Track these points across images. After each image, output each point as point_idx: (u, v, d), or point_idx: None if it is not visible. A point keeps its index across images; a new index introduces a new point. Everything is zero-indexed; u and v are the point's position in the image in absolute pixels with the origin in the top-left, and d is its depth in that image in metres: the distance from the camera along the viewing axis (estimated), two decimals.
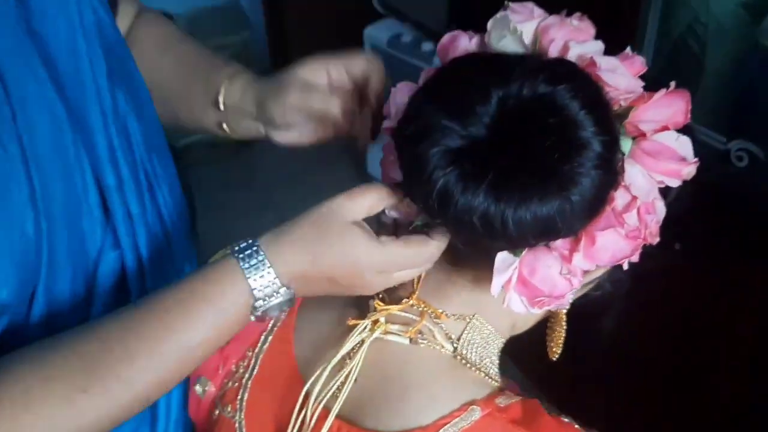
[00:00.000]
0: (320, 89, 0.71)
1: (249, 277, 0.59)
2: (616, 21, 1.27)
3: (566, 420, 0.66)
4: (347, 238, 0.60)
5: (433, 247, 0.62)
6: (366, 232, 0.61)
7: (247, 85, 0.76)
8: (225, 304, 0.59)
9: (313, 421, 0.67)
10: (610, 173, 0.56)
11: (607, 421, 0.73)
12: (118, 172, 0.68)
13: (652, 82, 0.60)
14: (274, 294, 0.60)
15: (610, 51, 0.61)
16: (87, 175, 0.66)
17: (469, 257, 0.63)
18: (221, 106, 0.75)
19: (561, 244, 0.58)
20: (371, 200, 0.62)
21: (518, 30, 0.62)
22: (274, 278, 0.59)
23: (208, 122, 0.78)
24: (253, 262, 0.59)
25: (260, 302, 0.60)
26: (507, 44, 0.62)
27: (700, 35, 1.30)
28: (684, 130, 0.60)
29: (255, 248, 0.59)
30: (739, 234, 1.20)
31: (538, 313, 0.62)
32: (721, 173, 1.22)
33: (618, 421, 0.78)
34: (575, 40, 0.59)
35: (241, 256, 0.59)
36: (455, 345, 0.67)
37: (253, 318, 0.61)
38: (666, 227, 0.64)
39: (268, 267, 0.59)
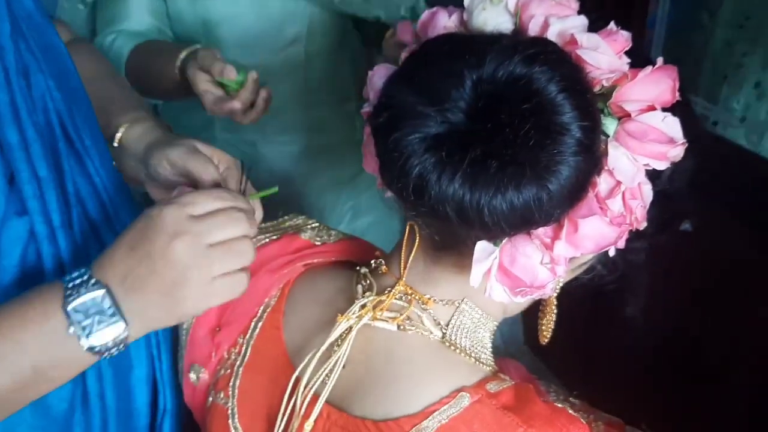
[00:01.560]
0: (203, 159, 0.72)
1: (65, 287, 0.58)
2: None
3: (560, 405, 0.65)
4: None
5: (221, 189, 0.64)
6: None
7: (146, 131, 0.79)
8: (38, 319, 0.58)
9: (304, 408, 0.67)
10: (591, 159, 0.54)
11: (621, 403, 0.72)
12: (22, 131, 0.66)
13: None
14: (85, 290, 0.58)
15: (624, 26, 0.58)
16: None
17: (451, 245, 0.62)
18: (116, 143, 0.79)
19: (542, 232, 0.56)
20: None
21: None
22: (89, 277, 0.59)
23: None
24: (75, 274, 0.59)
25: (73, 299, 0.58)
26: (488, 17, 0.59)
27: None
28: (685, 107, 0.57)
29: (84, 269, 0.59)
30: (752, 213, 1.15)
31: (522, 301, 0.60)
32: (733, 152, 1.17)
33: (630, 403, 0.77)
34: (556, 15, 0.56)
35: (68, 278, 0.59)
36: (444, 331, 0.66)
37: (72, 330, 0.58)
38: (665, 204, 0.61)
39: (91, 279, 0.58)
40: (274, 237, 0.80)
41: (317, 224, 0.83)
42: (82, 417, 0.70)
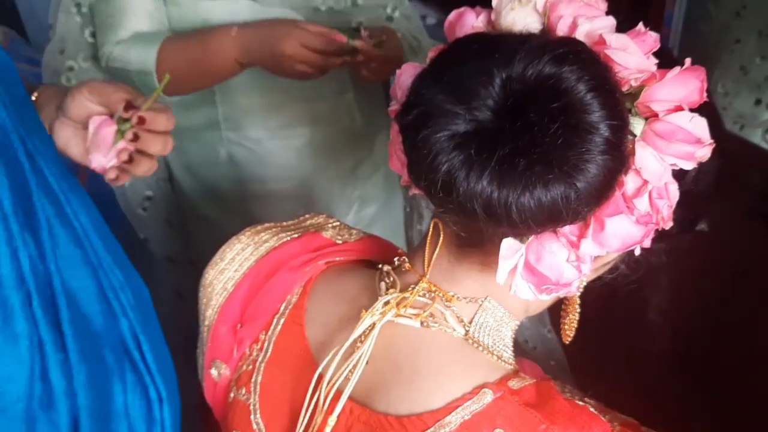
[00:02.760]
0: (115, 85, 0.79)
1: None
2: None
3: (581, 403, 0.66)
4: None
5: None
6: None
7: (60, 89, 0.84)
8: None
9: (327, 403, 0.67)
10: (619, 158, 0.54)
11: (635, 404, 0.72)
12: None
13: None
14: None
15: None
16: None
17: (476, 242, 0.62)
18: (33, 97, 0.83)
19: (569, 230, 0.57)
20: None
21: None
22: None
23: None
24: None
25: None
26: (517, 17, 0.60)
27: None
28: (707, 104, 0.58)
29: None
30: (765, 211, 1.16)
31: (547, 299, 0.61)
32: (752, 152, 1.18)
33: (645, 404, 0.77)
34: (585, 16, 0.57)
35: None
36: (467, 328, 0.67)
37: None
38: (689, 204, 0.61)
39: None
40: (296, 235, 0.80)
41: (338, 223, 0.84)
42: (47, 425, 0.70)
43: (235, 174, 1.44)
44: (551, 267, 0.57)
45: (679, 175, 0.58)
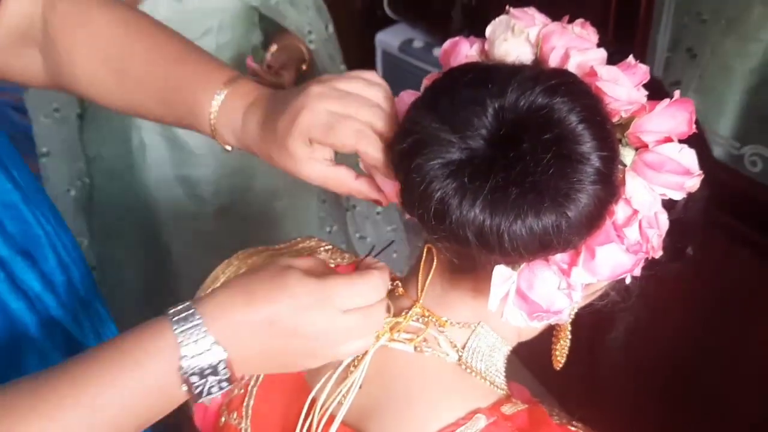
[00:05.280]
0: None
1: (181, 342, 0.55)
2: (629, 25, 1.24)
3: (572, 428, 0.66)
4: (282, 274, 0.58)
5: (377, 276, 0.60)
6: (302, 270, 0.59)
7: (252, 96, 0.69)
8: (148, 364, 0.56)
9: (320, 429, 0.67)
10: (609, 188, 0.55)
11: (620, 427, 0.72)
12: None
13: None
14: (205, 352, 0.56)
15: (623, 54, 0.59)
16: None
17: (469, 269, 0.63)
18: (212, 118, 0.70)
19: (560, 258, 0.58)
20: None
21: (524, 30, 0.60)
22: (204, 332, 0.55)
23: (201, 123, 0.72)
24: (188, 325, 0.55)
25: (187, 361, 0.55)
26: (510, 47, 0.61)
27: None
28: (696, 134, 0.59)
29: (191, 311, 0.56)
30: (752, 239, 1.17)
31: (539, 325, 0.61)
32: (735, 178, 1.19)
33: (632, 428, 0.78)
34: (576, 48, 0.58)
35: (176, 318, 0.56)
36: (460, 353, 0.67)
37: (184, 388, 0.57)
38: (679, 233, 0.62)
39: (202, 327, 0.55)
40: None
41: (330, 246, 0.85)
42: None
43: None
44: (543, 295, 0.57)
45: (668, 204, 0.58)
